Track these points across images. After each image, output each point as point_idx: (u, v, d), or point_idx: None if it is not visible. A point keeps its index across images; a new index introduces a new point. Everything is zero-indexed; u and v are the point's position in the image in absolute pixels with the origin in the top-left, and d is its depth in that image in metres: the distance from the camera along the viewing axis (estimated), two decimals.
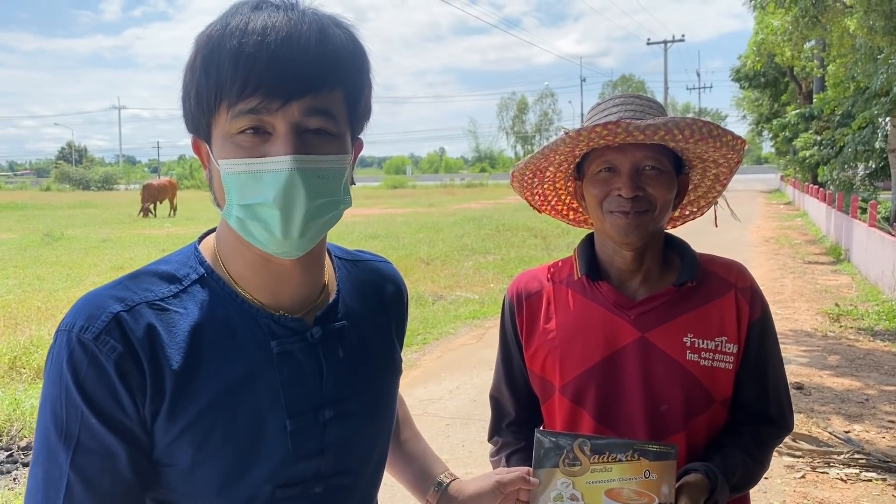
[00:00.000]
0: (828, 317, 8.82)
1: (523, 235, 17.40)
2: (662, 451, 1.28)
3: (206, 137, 0.98)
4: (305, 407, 1.03)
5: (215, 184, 0.99)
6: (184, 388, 0.96)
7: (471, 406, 5.62)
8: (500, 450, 1.61)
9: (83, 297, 0.98)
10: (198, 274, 1.03)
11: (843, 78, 16.73)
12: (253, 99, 0.91)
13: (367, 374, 1.12)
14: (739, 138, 1.37)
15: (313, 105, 0.94)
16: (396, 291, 1.27)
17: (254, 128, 0.93)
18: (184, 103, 1.00)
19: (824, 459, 4.56)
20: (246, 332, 1.01)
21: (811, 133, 21.43)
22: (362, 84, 1.01)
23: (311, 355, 1.05)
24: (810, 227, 20.65)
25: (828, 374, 6.48)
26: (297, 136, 0.93)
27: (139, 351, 0.94)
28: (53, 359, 0.94)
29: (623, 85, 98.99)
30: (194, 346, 0.98)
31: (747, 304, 1.46)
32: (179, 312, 0.99)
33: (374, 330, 1.17)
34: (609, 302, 1.47)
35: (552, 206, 1.65)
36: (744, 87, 37.69)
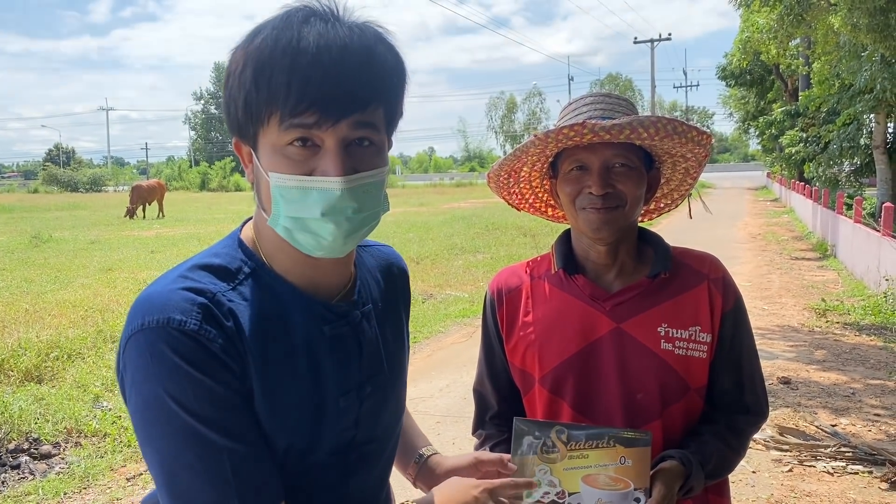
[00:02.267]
0: (814, 312, 8.90)
1: (512, 234, 17.45)
2: (637, 438, 1.32)
3: (252, 143, 1.05)
4: (351, 384, 1.14)
5: (262, 190, 1.06)
6: (261, 371, 1.04)
7: (461, 404, 5.65)
8: (483, 442, 1.64)
9: (153, 295, 1.01)
10: (250, 268, 1.09)
11: (828, 75, 16.88)
12: (307, 115, 0.97)
13: (388, 351, 1.23)
14: (704, 133, 1.41)
15: (359, 121, 1.01)
16: (401, 272, 1.38)
17: (303, 139, 0.99)
18: (228, 108, 1.05)
19: (811, 453, 4.61)
20: (301, 319, 1.10)
21: (797, 130, 21.60)
22: (401, 97, 1.10)
23: (353, 338, 1.16)
24: (797, 223, 20.80)
25: (814, 368, 6.54)
26: (344, 150, 1.01)
27: (231, 337, 1.01)
28: (155, 355, 0.96)
29: (610, 84, 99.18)
30: (263, 335, 1.05)
31: (720, 294, 1.50)
32: (242, 304, 1.05)
33: (388, 309, 1.27)
34: (585, 294, 1.51)
35: (530, 204, 1.70)
36: (730, 85, 37.90)
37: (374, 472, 1.24)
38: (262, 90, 0.98)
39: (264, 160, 1.02)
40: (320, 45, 0.96)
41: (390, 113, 1.07)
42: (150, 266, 12.97)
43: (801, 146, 20.61)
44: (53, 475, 4.55)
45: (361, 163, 1.02)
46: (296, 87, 0.96)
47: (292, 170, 1.00)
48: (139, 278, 11.47)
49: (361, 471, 1.19)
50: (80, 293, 10.07)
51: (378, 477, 1.27)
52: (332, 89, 0.96)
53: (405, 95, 1.11)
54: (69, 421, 5.22)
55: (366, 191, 1.02)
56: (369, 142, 1.03)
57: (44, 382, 6.19)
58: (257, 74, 0.98)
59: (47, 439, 5.01)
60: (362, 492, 1.21)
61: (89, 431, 5.12)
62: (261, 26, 1.02)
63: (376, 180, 1.05)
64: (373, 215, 1.06)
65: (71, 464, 4.69)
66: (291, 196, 1.01)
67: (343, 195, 0.99)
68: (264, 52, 0.98)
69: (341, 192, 0.99)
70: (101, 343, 7.35)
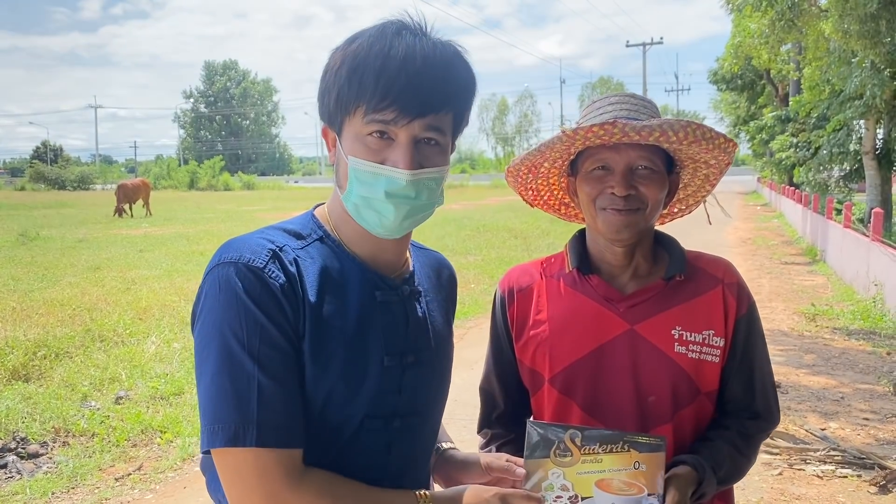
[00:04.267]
0: (804, 316, 8.95)
1: (504, 236, 17.45)
2: (652, 444, 1.30)
3: (338, 130, 1.21)
4: (396, 349, 1.24)
5: (340, 170, 1.22)
6: (314, 317, 1.15)
7: (452, 406, 5.58)
8: (489, 441, 1.63)
9: (234, 240, 1.18)
10: (318, 234, 1.25)
11: (819, 81, 16.97)
12: (388, 112, 1.12)
13: (435, 333, 1.33)
14: (731, 141, 1.40)
15: (431, 123, 1.15)
16: (451, 276, 1.50)
17: (381, 132, 1.14)
18: (322, 98, 1.21)
19: (801, 456, 4.62)
20: (356, 282, 1.23)
21: (787, 135, 21.71)
22: (469, 108, 1.25)
23: (400, 308, 1.27)
24: (787, 228, 20.92)
25: (804, 372, 6.57)
26: (413, 146, 1.15)
27: (292, 280, 1.14)
28: (223, 286, 1.11)
29: (602, 87, 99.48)
30: (322, 287, 1.18)
31: (734, 299, 1.49)
32: (308, 261, 1.20)
33: (437, 302, 1.39)
34: (599, 295, 1.50)
35: (545, 201, 1.68)
36: (721, 89, 38.09)
37: (416, 447, 1.31)
38: (353, 86, 1.13)
39: (346, 145, 1.18)
40: (407, 55, 1.12)
41: (458, 120, 1.23)
42: (138, 265, 12.89)
43: (791, 151, 20.72)
44: (41, 474, 4.50)
45: (427, 159, 1.17)
46: (381, 87, 1.11)
47: (369, 157, 1.15)
48: (127, 277, 11.39)
49: (403, 442, 1.26)
50: (67, 292, 9.98)
51: (421, 452, 1.33)
52: (411, 92, 1.11)
53: (472, 107, 1.27)
54: (57, 420, 5.17)
55: (427, 185, 1.17)
56: (436, 142, 1.18)
57: (31, 381, 6.13)
58: (351, 73, 1.13)
59: (35, 438, 4.95)
60: (403, 463, 1.27)
61: (77, 431, 5.07)
62: (359, 33, 1.18)
63: (437, 176, 1.19)
64: (429, 204, 1.21)
65: (59, 463, 4.64)
66: (365, 178, 1.16)
67: (407, 185, 1.14)
68: (359, 55, 1.13)
69: (406, 182, 1.14)
70: (90, 342, 7.29)
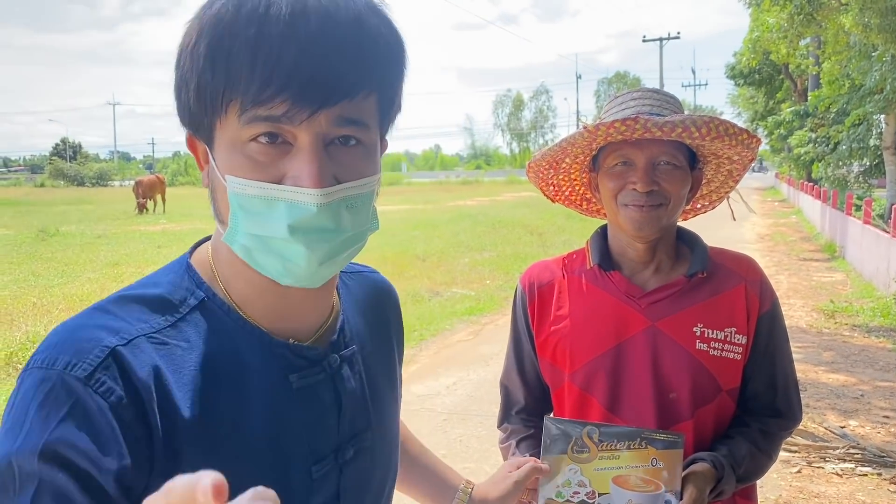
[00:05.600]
0: (823, 313, 8.87)
1: (519, 232, 17.43)
2: (670, 440, 1.30)
3: (207, 138, 0.82)
4: (328, 449, 0.90)
5: (218, 196, 0.83)
6: (199, 441, 0.78)
7: (468, 402, 5.64)
8: (509, 436, 1.63)
9: (61, 328, 0.78)
10: (197, 299, 0.85)
11: (838, 75, 16.79)
12: (275, 105, 0.75)
13: (377, 403, 1.00)
14: (755, 137, 1.39)
15: (344, 114, 0.78)
16: (395, 307, 1.15)
17: (270, 135, 0.77)
18: (178, 93, 0.82)
19: (820, 454, 4.59)
20: (261, 365, 0.85)
21: (806, 130, 21.51)
22: (399, 84, 0.86)
23: (329, 389, 0.91)
24: (805, 224, 20.73)
25: (823, 370, 6.52)
26: (323, 151, 0.78)
27: (143, 396, 0.75)
28: (17, 402, 0.73)
29: (618, 82, 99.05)
30: (206, 388, 0.80)
31: (757, 296, 1.48)
32: (182, 347, 0.81)
33: (378, 351, 1.04)
34: (620, 291, 1.49)
35: (566, 197, 1.67)
36: (739, 84, 37.78)
37: None
38: (218, 70, 0.75)
39: (221, 160, 0.80)
40: (295, 12, 0.74)
41: (385, 104, 0.84)
42: (156, 261, 13.00)
43: (809, 146, 20.52)
44: None
45: (345, 169, 0.79)
46: (261, 67, 0.73)
47: (255, 174, 0.77)
48: (145, 272, 11.41)
49: None
50: (87, 287, 10.10)
51: None
52: (308, 70, 0.74)
53: (404, 83, 0.87)
54: None
55: (350, 206, 0.80)
56: (356, 141, 0.81)
57: None
58: (213, 49, 0.75)
59: None
60: None
61: None
62: None
63: (364, 192, 0.82)
64: (357, 237, 0.83)
65: None
66: (253, 207, 0.78)
67: (321, 212, 0.76)
68: (223, 21, 0.75)
69: (317, 207, 0.76)
70: None
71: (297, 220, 0.77)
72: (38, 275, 11.44)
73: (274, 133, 0.77)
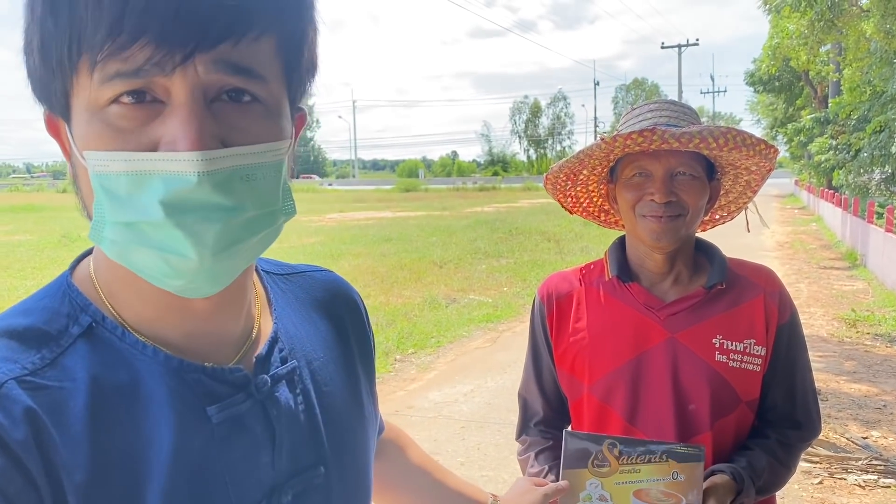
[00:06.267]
0: (844, 322, 8.77)
1: (536, 239, 17.39)
2: (690, 453, 1.30)
3: (63, 112, 0.65)
4: (259, 493, 0.72)
5: (82, 185, 0.66)
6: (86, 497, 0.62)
7: (486, 409, 5.63)
8: (527, 448, 1.63)
9: None
10: (82, 326, 0.68)
11: (860, 82, 16.65)
12: (134, 51, 0.58)
13: (334, 428, 0.82)
14: (772, 147, 1.39)
15: (230, 59, 0.61)
16: (350, 306, 0.96)
17: (135, 92, 0.60)
18: (26, 58, 0.65)
19: (842, 465, 4.54)
20: (168, 398, 0.68)
21: (826, 137, 21.31)
22: (304, 25, 0.68)
23: (258, 417, 0.73)
24: (825, 231, 20.52)
25: (844, 379, 6.44)
26: (205, 106, 0.61)
27: (21, 456, 0.59)
28: None
29: (636, 89, 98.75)
30: (100, 437, 0.63)
31: (776, 307, 1.48)
32: (66, 388, 0.64)
33: (334, 362, 0.87)
34: (639, 303, 1.50)
35: (584, 208, 1.68)
36: (758, 91, 37.57)
37: None
38: (60, 15, 0.59)
39: (78, 134, 0.63)
40: None
41: (288, 53, 0.66)
42: None
43: (830, 154, 20.32)
44: None
45: (236, 131, 0.62)
46: (110, 4, 0.57)
47: (118, 144, 0.60)
48: None
49: None
50: None
51: None
52: (175, 4, 0.57)
53: (316, 32, 0.70)
54: None
55: (247, 177, 0.62)
56: (251, 97, 0.64)
57: None
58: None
59: None
60: None
61: None
62: None
63: (265, 161, 0.64)
64: (263, 219, 0.66)
65: None
66: (118, 188, 0.61)
67: (202, 182, 0.59)
68: None
69: (198, 176, 0.59)
70: None
71: (173, 195, 0.59)
72: None
73: (139, 90, 0.60)
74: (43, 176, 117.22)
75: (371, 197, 45.61)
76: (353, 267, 12.56)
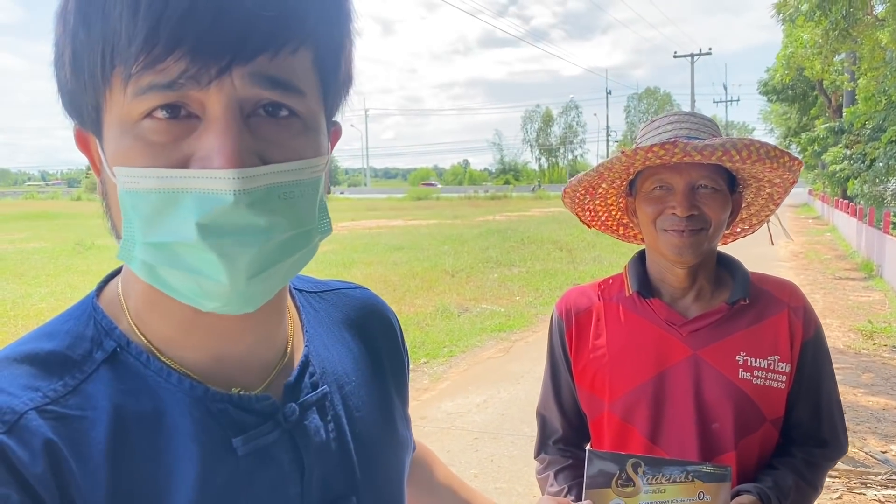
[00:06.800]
0: (861, 334, 8.68)
1: (548, 248, 17.34)
2: (717, 473, 1.27)
3: (95, 126, 0.63)
4: None
5: (111, 202, 0.65)
6: None
7: (499, 420, 5.59)
8: (546, 467, 1.60)
9: None
10: (106, 351, 0.66)
11: (875, 91, 16.54)
12: (169, 64, 0.56)
13: (367, 454, 0.79)
14: (796, 159, 1.36)
15: (267, 72, 0.59)
16: (385, 326, 0.92)
17: (169, 107, 0.58)
18: (56, 72, 0.63)
19: (861, 480, 4.47)
20: (192, 429, 0.65)
21: (841, 147, 21.18)
22: (342, 37, 0.66)
23: (286, 447, 0.70)
24: (840, 242, 20.35)
25: (862, 392, 6.36)
26: (241, 121, 0.59)
27: (38, 490, 0.57)
28: None
29: (648, 98, 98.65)
30: (118, 467, 0.61)
31: (800, 323, 1.45)
32: (88, 418, 0.62)
33: (367, 385, 0.83)
34: (661, 319, 1.47)
35: (602, 222, 1.66)
36: (772, 100, 37.41)
37: None
38: (93, 26, 0.57)
39: (110, 150, 0.61)
40: None
41: (325, 67, 0.64)
42: None
43: (845, 163, 20.20)
44: None
45: (274, 147, 0.60)
46: (145, 13, 0.55)
47: (150, 159, 0.58)
48: None
49: None
50: None
51: None
52: (210, 13, 0.55)
53: (352, 46, 0.67)
54: None
55: (284, 196, 0.60)
56: (289, 112, 0.61)
57: None
58: (87, 2, 0.57)
59: None
60: None
61: None
62: None
63: (304, 178, 0.62)
64: (300, 239, 0.63)
65: None
66: (150, 206, 0.58)
67: (239, 202, 0.56)
68: None
69: (235, 195, 0.56)
70: None
71: (209, 216, 0.57)
72: (75, 287, 11.63)
73: (173, 105, 0.58)
74: (58, 184, 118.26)
75: (383, 205, 45.70)
76: (365, 275, 12.56)
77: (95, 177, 0.67)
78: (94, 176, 0.67)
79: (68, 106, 0.64)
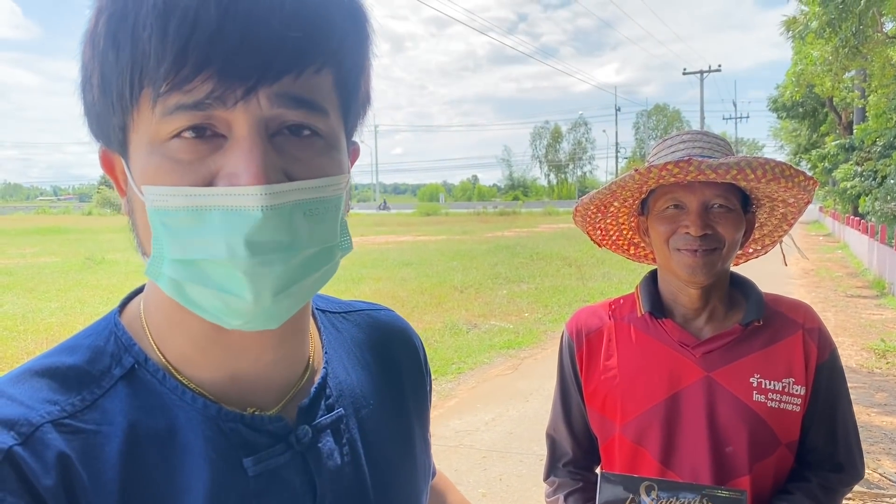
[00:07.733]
0: (873, 352, 8.59)
1: (557, 264, 17.30)
2: (732, 498, 1.25)
3: (121, 147, 0.64)
4: None
5: (138, 221, 0.65)
6: None
7: (507, 439, 5.55)
8: (556, 490, 1.58)
9: None
10: (125, 367, 0.67)
11: (885, 108, 16.50)
12: (196, 87, 0.57)
13: (384, 480, 0.78)
14: (811, 179, 1.35)
15: (292, 92, 0.60)
16: (409, 350, 0.92)
17: (196, 128, 0.59)
18: (83, 94, 0.65)
19: (875, 502, 4.40)
20: (204, 447, 0.66)
21: (851, 164, 21.10)
22: (363, 58, 0.67)
23: (298, 470, 0.70)
24: (851, 259, 20.22)
25: (876, 412, 6.28)
26: (266, 140, 0.60)
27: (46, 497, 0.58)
28: None
29: (657, 114, 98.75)
30: (130, 483, 0.62)
31: (815, 345, 1.43)
32: (103, 432, 0.63)
33: (386, 409, 0.83)
34: (673, 340, 1.45)
35: (613, 241, 1.64)
36: (781, 117, 37.35)
37: None
38: (122, 51, 0.58)
39: (137, 170, 0.62)
40: None
41: (345, 88, 0.66)
42: None
43: (856, 180, 20.11)
44: None
45: (298, 164, 0.62)
46: (174, 35, 0.56)
47: (178, 178, 0.59)
48: None
49: None
50: None
51: None
52: (237, 35, 0.56)
53: (370, 67, 0.69)
54: None
55: (309, 212, 0.62)
56: (311, 131, 0.63)
57: None
58: (115, 23, 0.58)
59: None
60: None
61: None
62: None
63: (327, 196, 0.63)
64: (322, 256, 0.65)
65: None
66: (178, 223, 0.60)
67: (267, 218, 0.58)
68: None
69: (263, 211, 0.58)
70: None
71: (236, 233, 0.58)
72: (85, 302, 11.67)
73: (201, 125, 0.59)
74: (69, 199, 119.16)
75: (391, 221, 45.77)
76: (374, 291, 12.56)
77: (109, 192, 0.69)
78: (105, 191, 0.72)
79: (95, 127, 0.66)
